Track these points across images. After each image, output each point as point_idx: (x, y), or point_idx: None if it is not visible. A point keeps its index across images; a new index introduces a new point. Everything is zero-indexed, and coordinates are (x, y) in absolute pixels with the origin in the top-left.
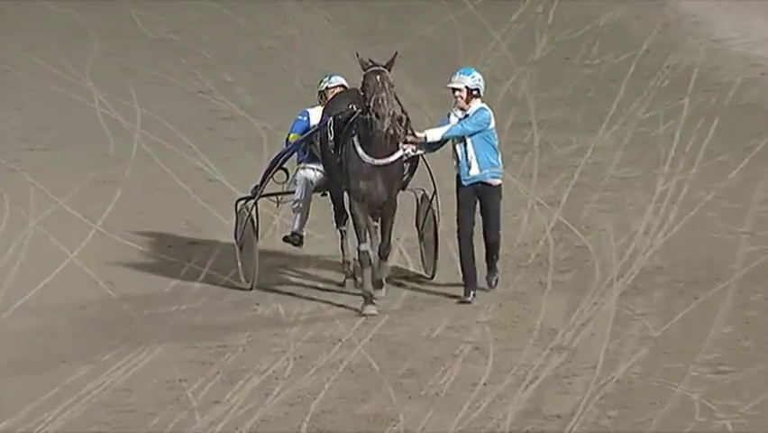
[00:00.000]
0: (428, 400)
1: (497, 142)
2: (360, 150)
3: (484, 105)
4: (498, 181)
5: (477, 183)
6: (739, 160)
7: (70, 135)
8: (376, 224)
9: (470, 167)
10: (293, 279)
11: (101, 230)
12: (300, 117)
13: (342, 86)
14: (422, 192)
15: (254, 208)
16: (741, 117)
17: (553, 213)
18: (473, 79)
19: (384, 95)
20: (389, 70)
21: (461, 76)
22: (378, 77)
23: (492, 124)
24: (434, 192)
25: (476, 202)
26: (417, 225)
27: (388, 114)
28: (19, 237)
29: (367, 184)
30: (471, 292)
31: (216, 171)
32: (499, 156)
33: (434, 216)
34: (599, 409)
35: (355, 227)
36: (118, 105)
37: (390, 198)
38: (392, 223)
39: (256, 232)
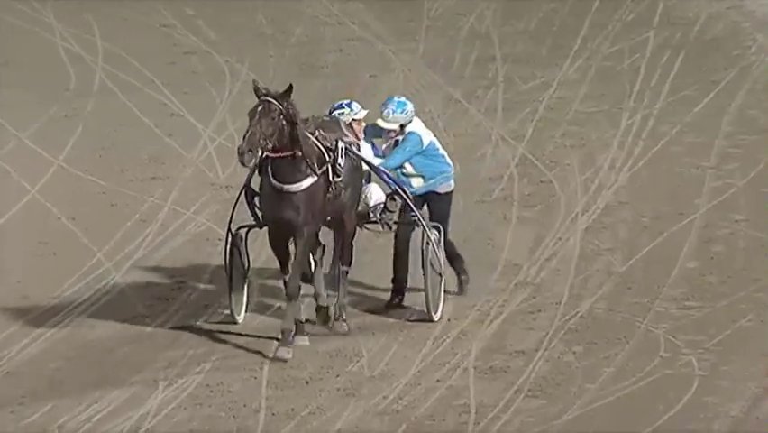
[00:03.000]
0: (391, 337)
1: (439, 150)
2: (270, 171)
3: (412, 130)
4: (445, 188)
5: (425, 192)
6: (704, 94)
7: (32, 70)
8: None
9: (411, 183)
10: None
11: (63, 165)
12: None
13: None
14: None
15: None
16: (707, 52)
17: (517, 148)
18: (406, 116)
19: (252, 130)
20: (284, 101)
21: (395, 115)
22: (259, 108)
23: (426, 142)
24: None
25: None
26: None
27: (242, 150)
28: None
29: (270, 208)
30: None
31: (179, 106)
32: (446, 160)
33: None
34: (564, 344)
35: None
36: (80, 40)
37: (299, 226)
38: (301, 256)
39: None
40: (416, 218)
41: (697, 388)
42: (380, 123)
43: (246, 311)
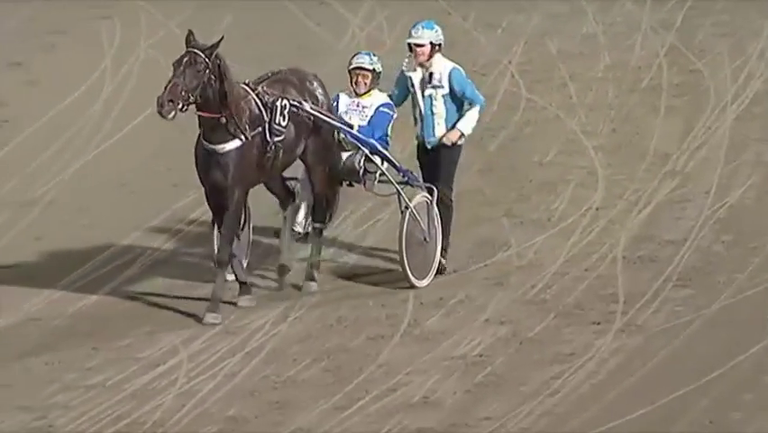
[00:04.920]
0: (540, 226)
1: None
2: (201, 130)
3: (457, 67)
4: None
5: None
6: None
7: None
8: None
9: (433, 132)
10: None
11: None
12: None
13: (361, 67)
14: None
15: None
16: None
17: (666, 36)
18: (436, 33)
19: (174, 81)
20: (209, 54)
21: (424, 30)
22: (185, 59)
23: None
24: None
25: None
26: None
27: (161, 101)
28: (130, 61)
29: (201, 168)
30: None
31: None
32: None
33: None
34: (713, 234)
35: None
36: None
37: (227, 188)
38: (230, 220)
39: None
40: (387, 179)
41: None
42: (410, 40)
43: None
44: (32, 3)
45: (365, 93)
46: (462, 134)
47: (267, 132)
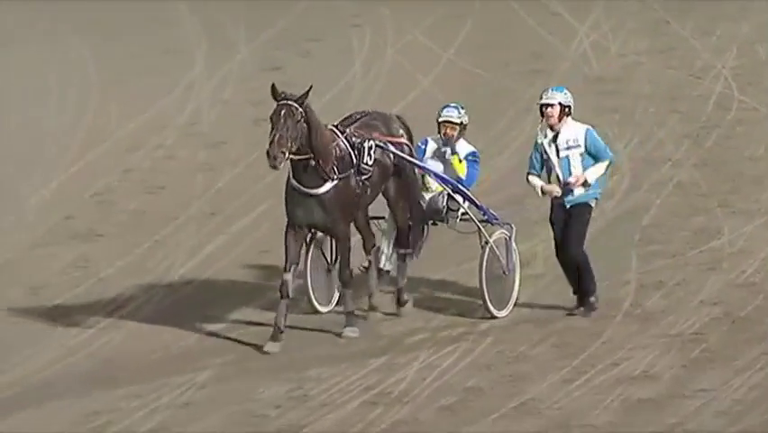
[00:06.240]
0: (750, 215)
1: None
2: (291, 173)
3: (590, 128)
4: (593, 201)
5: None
6: None
7: None
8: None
9: (573, 190)
10: None
11: (451, 59)
12: (419, 144)
13: (449, 121)
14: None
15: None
16: None
17: None
18: (565, 96)
19: (279, 134)
20: (301, 103)
21: (554, 92)
22: (282, 111)
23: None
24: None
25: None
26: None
27: (274, 154)
28: (378, 64)
29: (296, 210)
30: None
31: (557, 4)
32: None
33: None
34: None
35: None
36: None
37: (329, 225)
38: (343, 249)
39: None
40: (468, 216)
41: None
42: (540, 102)
43: None
44: (288, 13)
45: (454, 143)
46: (586, 181)
47: (356, 171)
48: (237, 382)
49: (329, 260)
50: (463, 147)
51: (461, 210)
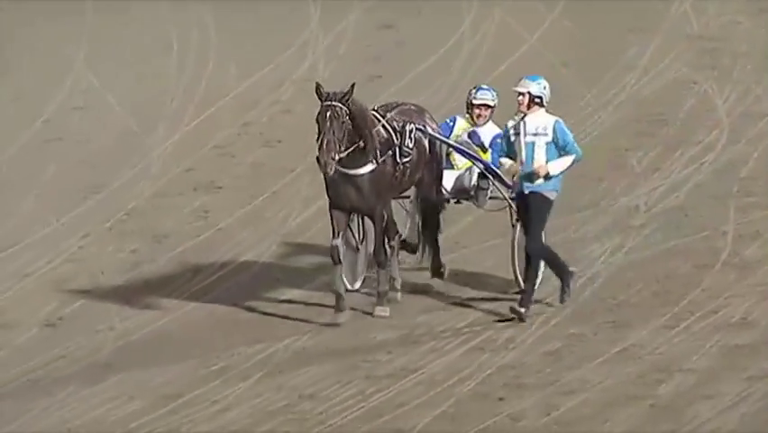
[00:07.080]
0: None
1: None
2: None
3: (560, 120)
4: (552, 194)
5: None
6: None
7: None
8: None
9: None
10: None
11: (556, 18)
12: (447, 121)
13: (485, 104)
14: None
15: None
16: None
17: None
18: (538, 86)
19: (327, 138)
20: (346, 102)
21: (527, 81)
22: (328, 113)
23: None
24: None
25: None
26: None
27: (324, 161)
28: (486, 23)
29: (338, 192)
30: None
31: None
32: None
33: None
34: None
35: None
36: None
37: (367, 207)
38: (379, 231)
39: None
40: (501, 195)
41: None
42: (514, 89)
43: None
44: None
45: (483, 125)
46: (548, 173)
47: (397, 153)
48: (350, 328)
49: (357, 238)
50: (491, 130)
51: (491, 189)
